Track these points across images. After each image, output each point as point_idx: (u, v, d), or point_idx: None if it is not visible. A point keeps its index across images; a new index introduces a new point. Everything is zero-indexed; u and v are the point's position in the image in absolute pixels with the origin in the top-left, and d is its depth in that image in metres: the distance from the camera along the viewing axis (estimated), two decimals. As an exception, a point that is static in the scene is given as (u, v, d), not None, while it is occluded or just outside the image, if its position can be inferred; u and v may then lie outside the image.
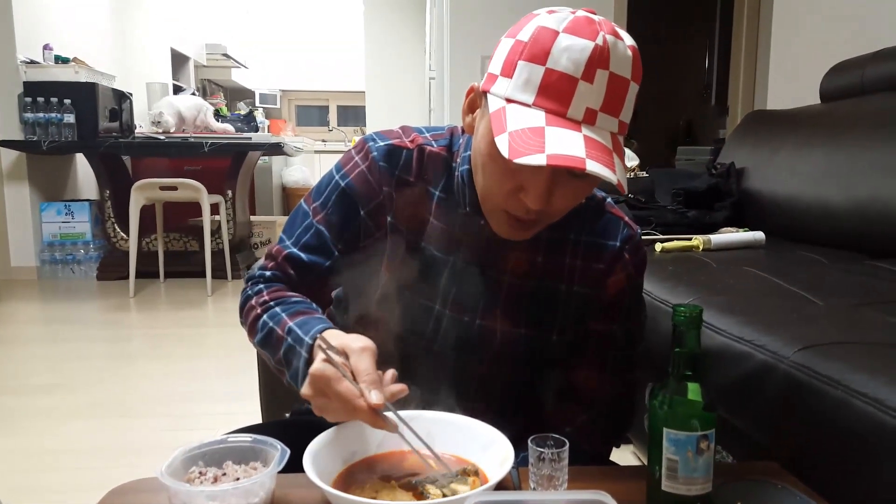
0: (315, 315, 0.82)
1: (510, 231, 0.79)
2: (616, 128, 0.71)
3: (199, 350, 2.98)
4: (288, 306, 0.84)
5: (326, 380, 0.68)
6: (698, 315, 0.69)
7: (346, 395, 0.67)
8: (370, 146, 0.86)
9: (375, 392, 0.66)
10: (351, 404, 0.67)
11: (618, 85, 0.69)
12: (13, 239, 4.40)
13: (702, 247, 1.79)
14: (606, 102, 0.69)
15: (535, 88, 0.69)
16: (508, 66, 0.71)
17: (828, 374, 0.86)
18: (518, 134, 0.67)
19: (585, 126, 0.68)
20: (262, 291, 0.87)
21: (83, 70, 4.37)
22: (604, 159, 0.66)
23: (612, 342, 0.90)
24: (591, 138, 0.67)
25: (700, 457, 0.68)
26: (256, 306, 0.86)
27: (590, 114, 0.68)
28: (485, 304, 0.87)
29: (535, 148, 0.65)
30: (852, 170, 1.74)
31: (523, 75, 0.69)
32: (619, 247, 0.87)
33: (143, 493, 0.73)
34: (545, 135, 0.66)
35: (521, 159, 0.65)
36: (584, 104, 0.68)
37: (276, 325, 0.82)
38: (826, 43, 2.66)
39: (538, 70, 0.68)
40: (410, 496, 0.67)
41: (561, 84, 0.68)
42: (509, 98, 0.70)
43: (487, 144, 0.73)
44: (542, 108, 0.68)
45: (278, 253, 0.89)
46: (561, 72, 0.67)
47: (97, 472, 1.81)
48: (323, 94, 8.80)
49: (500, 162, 0.71)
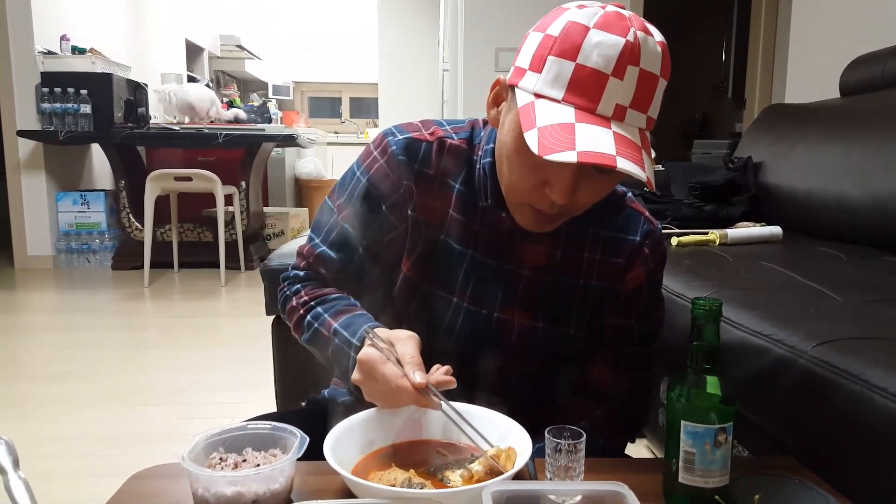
0: (355, 312, 0.85)
1: (534, 224, 0.80)
2: (644, 124, 0.71)
3: (213, 340, 3.01)
4: (328, 305, 0.87)
5: (372, 363, 0.73)
6: (718, 308, 0.69)
7: (390, 376, 0.71)
8: (389, 140, 0.87)
9: (419, 372, 0.70)
10: (395, 383, 0.71)
11: (647, 81, 0.69)
12: (30, 228, 4.44)
13: (718, 241, 1.77)
14: (636, 99, 0.69)
15: (565, 84, 0.68)
16: (538, 61, 0.70)
17: (847, 369, 0.86)
18: (548, 130, 0.67)
19: (615, 122, 0.68)
20: (300, 291, 0.90)
21: (99, 61, 4.39)
22: (633, 156, 0.66)
23: (628, 338, 0.90)
24: (620, 135, 0.67)
25: (717, 450, 0.68)
26: (298, 307, 0.89)
27: (619, 110, 0.68)
28: (503, 298, 0.87)
29: (566, 144, 0.65)
30: (871, 165, 1.72)
31: (553, 71, 0.69)
32: (639, 242, 0.87)
33: (165, 478, 0.74)
34: (575, 131, 0.66)
35: (552, 156, 0.64)
36: (613, 100, 0.68)
37: (320, 325, 0.85)
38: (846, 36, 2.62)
39: (568, 66, 0.68)
40: (430, 484, 0.67)
41: (591, 80, 0.67)
42: (538, 93, 0.70)
43: (514, 139, 0.73)
44: (571, 104, 0.68)
45: (309, 253, 0.91)
46: (591, 68, 0.67)
47: (111, 459, 1.83)
48: (335, 85, 8.80)
49: (526, 157, 0.71)
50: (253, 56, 8.06)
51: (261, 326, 2.23)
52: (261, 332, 2.25)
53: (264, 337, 1.80)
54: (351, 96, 8.88)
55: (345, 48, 8.42)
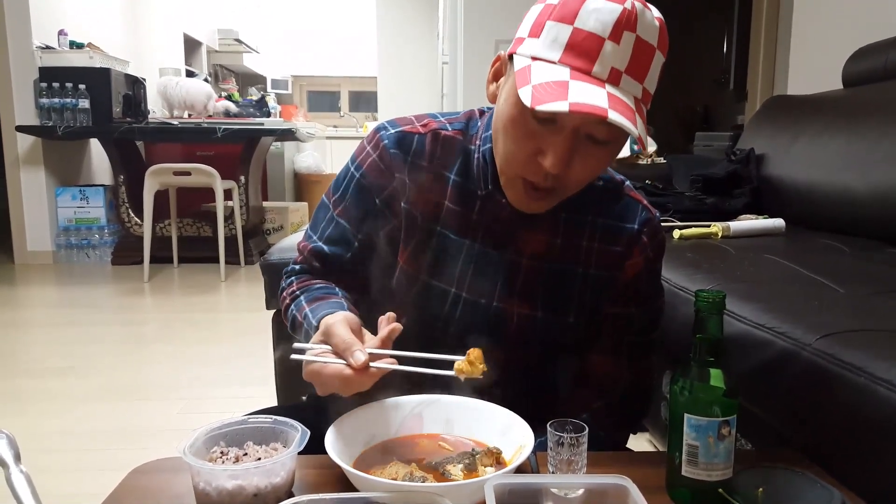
0: (330, 299, 0.84)
1: (527, 201, 0.79)
2: (640, 93, 0.71)
3: (212, 334, 3.01)
4: (309, 293, 0.88)
5: (317, 375, 0.71)
6: (721, 300, 0.68)
7: (335, 374, 0.70)
8: (381, 135, 0.87)
9: (357, 353, 0.68)
10: (343, 378, 0.69)
11: (643, 50, 0.70)
12: (29, 223, 4.44)
13: (720, 234, 1.77)
14: (632, 65, 0.69)
15: (562, 47, 0.70)
16: (537, 27, 0.72)
17: (850, 362, 0.85)
18: (542, 86, 0.68)
19: (609, 85, 0.69)
20: (292, 283, 0.92)
21: (97, 55, 4.38)
22: (626, 114, 0.67)
23: (628, 326, 0.90)
24: (614, 95, 0.68)
25: (721, 443, 0.67)
26: (286, 297, 0.92)
27: (614, 74, 0.69)
28: (501, 287, 0.87)
29: (558, 96, 0.66)
30: (874, 156, 1.71)
31: (551, 34, 0.70)
32: (637, 230, 0.87)
33: (166, 472, 0.74)
34: (569, 87, 0.67)
35: (543, 106, 0.66)
36: (609, 63, 0.69)
37: (297, 311, 0.86)
38: (849, 26, 2.61)
39: (566, 29, 0.69)
40: (431, 478, 0.67)
41: (588, 43, 0.69)
42: (535, 56, 0.71)
43: (510, 105, 0.74)
44: (567, 65, 0.69)
45: (304, 248, 0.93)
46: (588, 31, 0.68)
47: (112, 454, 1.83)
48: (334, 79, 8.76)
49: (521, 124, 0.73)
50: (251, 50, 8.03)
51: (261, 321, 2.23)
52: (261, 326, 2.25)
53: (264, 331, 1.79)
54: (350, 90, 8.85)
55: (344, 42, 8.39)
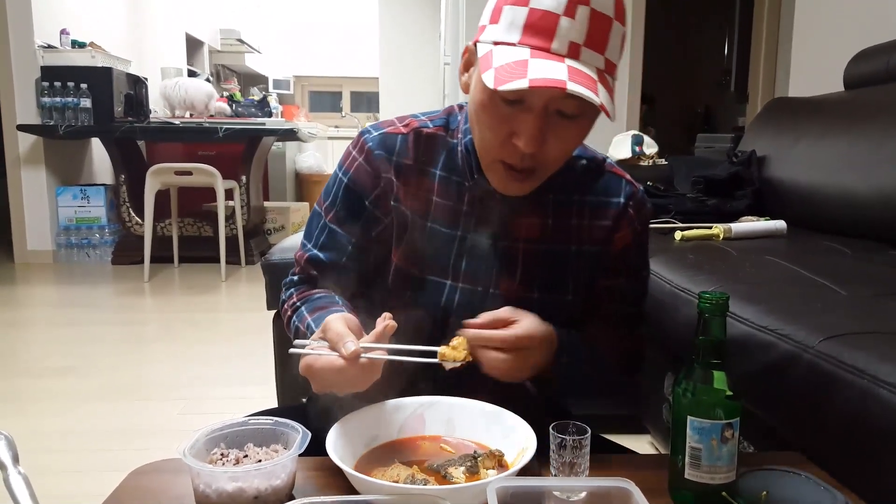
0: (331, 308, 0.85)
1: (509, 184, 0.81)
2: (602, 65, 0.73)
3: (213, 335, 3.00)
4: (310, 303, 0.89)
5: (309, 367, 0.72)
6: (725, 302, 0.68)
7: (326, 366, 0.70)
8: (365, 138, 0.90)
9: (349, 343, 0.69)
10: (334, 370, 0.69)
11: (600, 21, 0.71)
12: (30, 223, 4.44)
13: (722, 235, 1.77)
14: (590, 37, 0.71)
15: (521, 28, 0.72)
16: (496, 14, 0.74)
17: (853, 364, 0.85)
18: (503, 67, 0.70)
19: (569, 60, 0.71)
20: (293, 295, 0.93)
21: (99, 55, 4.38)
22: (586, 83, 0.69)
23: (620, 297, 0.93)
24: (574, 68, 0.70)
25: (724, 445, 0.67)
26: (288, 309, 0.93)
27: (573, 48, 0.71)
28: (497, 273, 0.88)
29: (518, 75, 0.68)
30: (875, 158, 1.71)
31: (508, 18, 0.72)
32: (624, 203, 0.90)
33: (166, 473, 0.74)
34: (528, 65, 0.69)
35: (506, 86, 0.68)
36: (567, 38, 0.71)
37: (299, 322, 0.87)
38: (851, 29, 2.60)
39: (522, 11, 0.71)
40: (433, 480, 0.66)
41: (544, 21, 0.70)
42: (496, 41, 0.73)
43: (479, 91, 0.76)
44: (527, 45, 0.71)
45: (301, 258, 0.94)
46: (543, 10, 0.70)
47: (112, 454, 1.83)
48: (336, 79, 8.76)
49: (492, 110, 0.75)
50: (253, 50, 8.03)
51: (261, 321, 2.23)
52: (262, 326, 2.24)
53: (265, 332, 1.79)
54: (352, 90, 8.85)
55: (345, 42, 8.39)
